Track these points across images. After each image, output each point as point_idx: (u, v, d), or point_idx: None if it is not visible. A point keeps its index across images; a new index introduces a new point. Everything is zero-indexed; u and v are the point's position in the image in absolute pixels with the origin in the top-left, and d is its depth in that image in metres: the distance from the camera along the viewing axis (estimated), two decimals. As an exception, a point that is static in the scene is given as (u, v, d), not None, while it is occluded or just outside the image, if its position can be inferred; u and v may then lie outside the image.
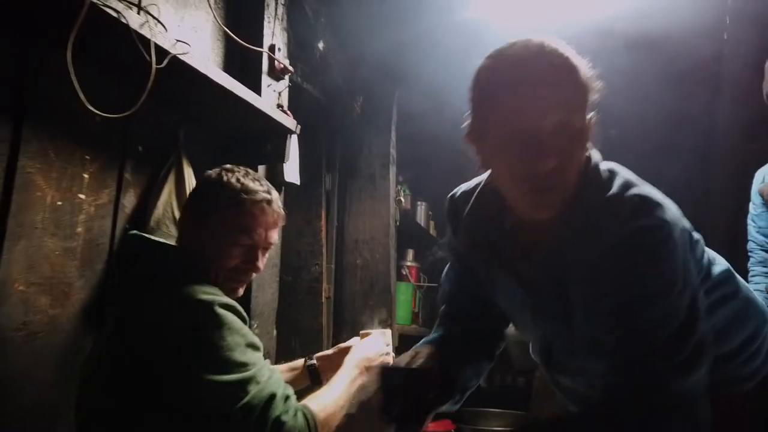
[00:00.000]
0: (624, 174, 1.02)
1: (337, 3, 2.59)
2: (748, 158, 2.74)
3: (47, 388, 1.42)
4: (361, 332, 1.59)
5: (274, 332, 2.15)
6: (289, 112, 2.07)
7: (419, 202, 3.78)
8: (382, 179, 2.96)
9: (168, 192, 1.71)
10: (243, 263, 1.32)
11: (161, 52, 1.40)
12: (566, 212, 0.99)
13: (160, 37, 1.40)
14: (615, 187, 0.98)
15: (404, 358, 1.11)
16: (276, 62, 2.09)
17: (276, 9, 2.18)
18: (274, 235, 1.37)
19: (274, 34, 2.14)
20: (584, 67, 0.96)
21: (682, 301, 0.92)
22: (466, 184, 1.23)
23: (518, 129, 0.92)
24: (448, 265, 1.36)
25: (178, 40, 1.47)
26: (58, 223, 1.46)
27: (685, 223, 1.02)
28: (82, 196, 1.53)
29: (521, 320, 1.19)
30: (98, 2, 1.23)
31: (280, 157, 2.02)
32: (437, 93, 2.88)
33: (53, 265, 1.44)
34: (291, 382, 1.49)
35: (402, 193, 3.34)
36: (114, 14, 1.27)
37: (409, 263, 3.49)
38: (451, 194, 1.26)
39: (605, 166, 1.03)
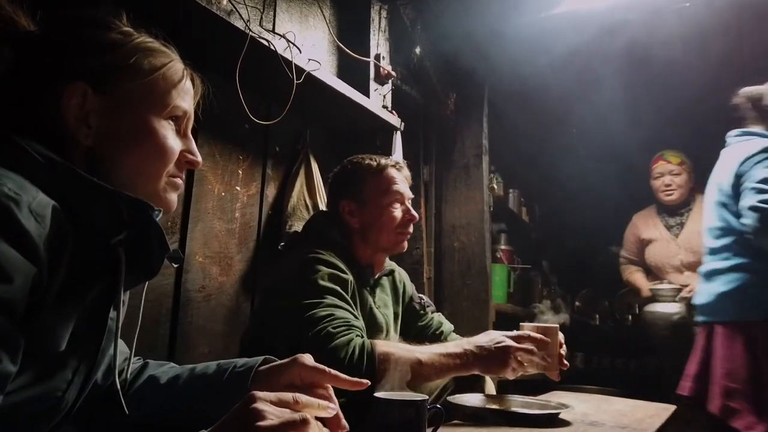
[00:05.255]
0: None
1: (431, 10, 2.85)
2: None
3: (218, 338, 1.82)
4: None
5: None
6: (394, 111, 2.38)
7: (511, 190, 3.96)
8: (475, 168, 3.19)
9: (300, 184, 2.07)
10: (404, 217, 1.58)
11: (298, 70, 1.75)
12: None
13: (298, 58, 1.75)
14: None
15: None
16: (381, 69, 2.41)
17: (380, 22, 2.49)
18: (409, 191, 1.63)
19: (378, 44, 2.46)
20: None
21: None
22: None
23: None
24: None
25: (310, 59, 1.81)
26: (223, 210, 1.85)
27: None
28: (238, 188, 1.92)
29: None
30: (255, 35, 1.59)
31: (388, 151, 2.34)
32: (525, 86, 3.07)
33: (220, 242, 1.84)
34: None
35: (495, 181, 3.55)
36: (265, 43, 1.63)
37: (503, 246, 3.69)
38: None
39: None
